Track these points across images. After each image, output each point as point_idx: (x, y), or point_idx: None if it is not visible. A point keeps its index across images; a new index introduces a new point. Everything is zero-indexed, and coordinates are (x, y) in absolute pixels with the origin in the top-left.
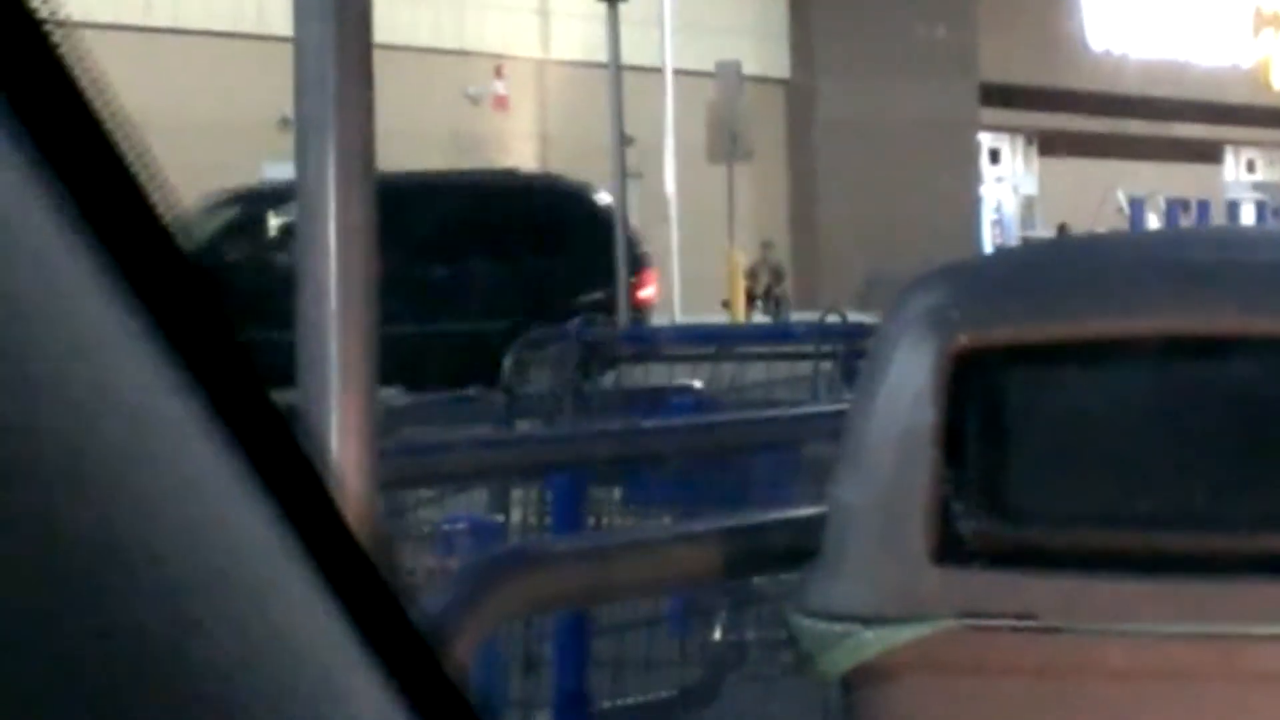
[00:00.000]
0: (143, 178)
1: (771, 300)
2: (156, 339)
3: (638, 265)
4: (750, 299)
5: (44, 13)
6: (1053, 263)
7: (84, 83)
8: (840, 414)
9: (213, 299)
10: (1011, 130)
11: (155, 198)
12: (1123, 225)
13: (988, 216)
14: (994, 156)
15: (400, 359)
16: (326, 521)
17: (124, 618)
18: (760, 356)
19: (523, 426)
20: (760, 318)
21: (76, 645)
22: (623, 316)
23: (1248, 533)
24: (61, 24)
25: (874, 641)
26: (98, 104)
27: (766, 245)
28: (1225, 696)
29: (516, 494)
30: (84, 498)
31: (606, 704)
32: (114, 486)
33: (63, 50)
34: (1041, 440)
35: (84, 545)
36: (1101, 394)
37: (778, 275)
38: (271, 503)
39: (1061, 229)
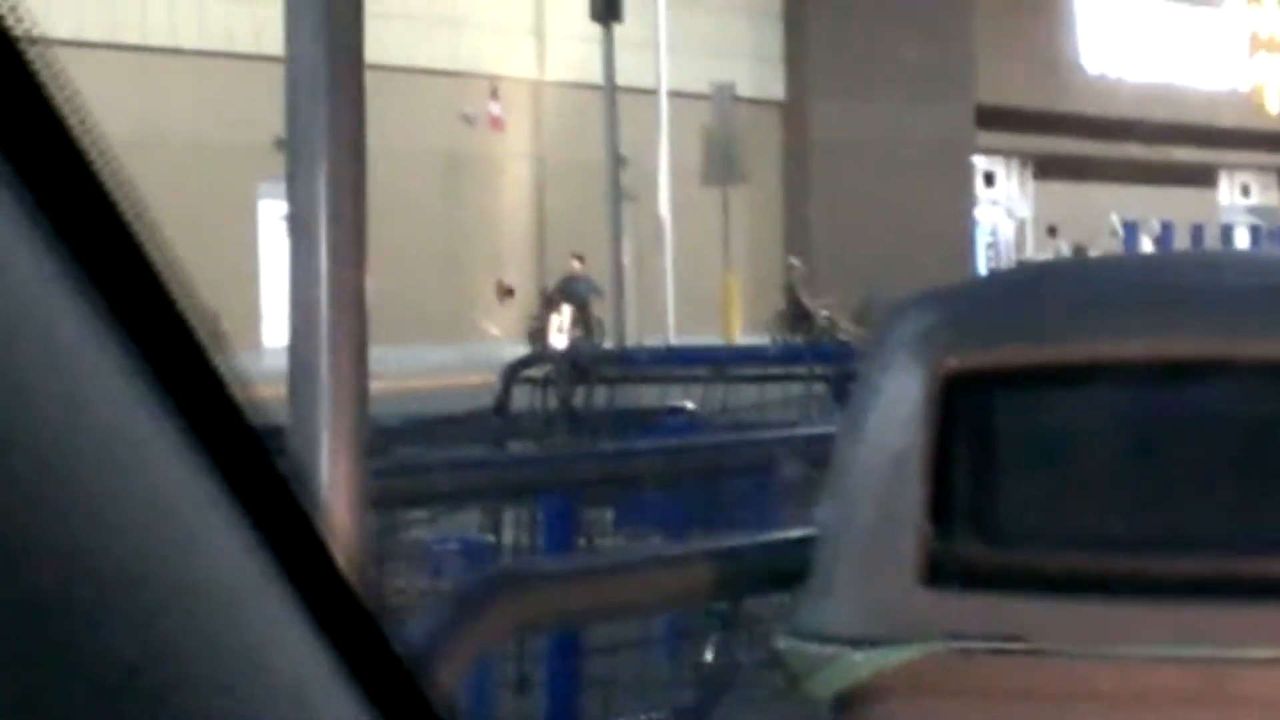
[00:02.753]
0: (117, 194)
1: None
2: (131, 357)
3: None
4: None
5: (18, 30)
6: (1042, 286)
7: (58, 100)
8: (831, 436)
9: (188, 316)
10: (1006, 153)
11: (129, 214)
12: (1117, 248)
13: (983, 239)
14: (989, 179)
15: None
16: (303, 542)
17: (94, 637)
18: (753, 378)
19: (515, 447)
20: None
21: (45, 664)
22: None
23: (1235, 556)
24: (35, 41)
25: (862, 664)
26: (72, 120)
27: (792, 267)
28: None
29: (508, 514)
30: (56, 515)
31: None
32: (87, 505)
33: (36, 67)
34: (1029, 463)
35: (54, 563)
36: (1090, 417)
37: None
38: (247, 523)
39: (1078, 250)
